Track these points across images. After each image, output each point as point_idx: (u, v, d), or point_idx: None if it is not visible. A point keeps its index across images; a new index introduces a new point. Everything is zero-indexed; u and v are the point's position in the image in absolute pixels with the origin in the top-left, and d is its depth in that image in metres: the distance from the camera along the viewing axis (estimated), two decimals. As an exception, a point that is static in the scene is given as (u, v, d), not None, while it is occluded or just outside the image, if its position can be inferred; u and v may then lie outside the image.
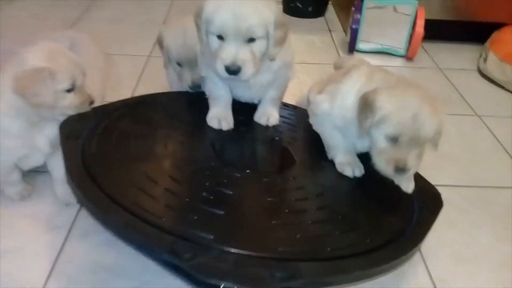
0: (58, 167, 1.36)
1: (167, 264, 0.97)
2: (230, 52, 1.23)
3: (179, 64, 1.56)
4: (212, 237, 1.00)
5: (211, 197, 1.14)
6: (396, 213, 1.22)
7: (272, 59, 1.31)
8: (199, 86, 1.54)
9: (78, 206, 1.38)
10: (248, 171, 1.27)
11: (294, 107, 1.65)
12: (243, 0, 1.22)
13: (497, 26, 2.45)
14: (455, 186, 1.57)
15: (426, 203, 1.25)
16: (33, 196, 1.40)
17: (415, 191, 1.29)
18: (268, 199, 1.19)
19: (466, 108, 2.08)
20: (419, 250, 1.31)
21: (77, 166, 1.14)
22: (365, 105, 1.19)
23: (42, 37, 2.02)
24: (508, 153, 1.79)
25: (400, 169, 1.18)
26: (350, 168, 1.32)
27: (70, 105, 1.27)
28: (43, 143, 1.30)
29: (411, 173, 1.22)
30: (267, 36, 1.26)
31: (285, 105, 1.62)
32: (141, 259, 1.21)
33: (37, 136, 1.29)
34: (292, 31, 1.36)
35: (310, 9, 2.91)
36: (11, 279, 1.16)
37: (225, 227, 1.05)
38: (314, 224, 1.13)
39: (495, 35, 2.42)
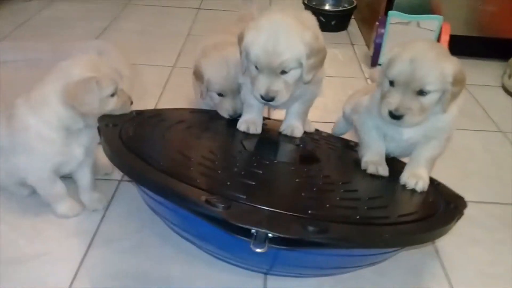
0: (85, 174, 1.40)
1: (202, 216, 1.01)
2: (264, 84, 1.31)
3: (220, 95, 1.58)
4: (244, 197, 1.05)
5: (242, 173, 1.20)
6: (424, 204, 1.26)
7: (306, 83, 1.37)
8: (240, 115, 1.56)
9: (102, 213, 1.40)
10: (275, 161, 1.37)
11: (316, 130, 1.71)
12: (278, 33, 1.27)
13: (522, 42, 2.43)
14: (480, 202, 1.55)
15: (451, 200, 1.28)
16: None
17: (440, 192, 1.32)
18: (296, 180, 1.26)
19: (490, 124, 2.06)
20: (444, 268, 1.30)
21: (117, 145, 1.21)
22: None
23: (71, 47, 2.09)
24: (533, 170, 1.76)
25: (392, 114, 1.21)
26: (374, 166, 1.36)
27: (115, 108, 1.32)
28: (78, 152, 1.33)
29: (406, 122, 1.23)
30: (300, 66, 1.32)
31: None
32: (164, 267, 1.23)
33: (74, 145, 1.32)
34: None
35: (333, 23, 2.92)
36: (37, 283, 1.18)
37: (257, 192, 1.11)
38: (342, 200, 1.17)
39: (520, 52, 2.40)
